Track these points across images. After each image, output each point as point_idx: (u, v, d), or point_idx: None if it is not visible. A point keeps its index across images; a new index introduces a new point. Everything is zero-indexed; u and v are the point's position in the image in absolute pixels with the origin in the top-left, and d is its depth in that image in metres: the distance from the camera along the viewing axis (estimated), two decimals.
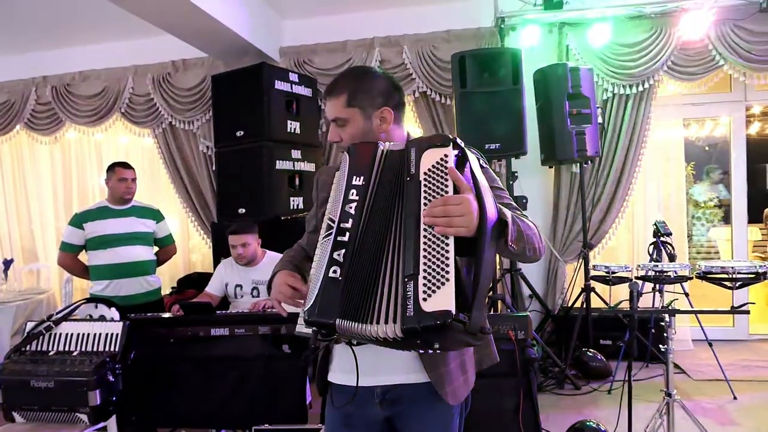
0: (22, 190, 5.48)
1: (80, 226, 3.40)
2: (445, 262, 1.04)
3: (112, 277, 3.37)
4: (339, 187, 1.21)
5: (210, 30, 4.01)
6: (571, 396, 3.70)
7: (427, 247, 1.06)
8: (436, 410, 1.39)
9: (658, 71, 4.29)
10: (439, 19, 4.53)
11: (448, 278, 1.03)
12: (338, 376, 1.44)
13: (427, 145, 1.18)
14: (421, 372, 1.35)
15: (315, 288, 1.12)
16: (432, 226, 1.08)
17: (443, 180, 1.12)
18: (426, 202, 1.10)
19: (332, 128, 1.43)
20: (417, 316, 1.01)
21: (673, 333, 2.62)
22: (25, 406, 2.42)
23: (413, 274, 1.04)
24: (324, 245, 1.15)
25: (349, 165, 1.21)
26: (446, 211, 1.07)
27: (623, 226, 4.64)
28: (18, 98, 5.14)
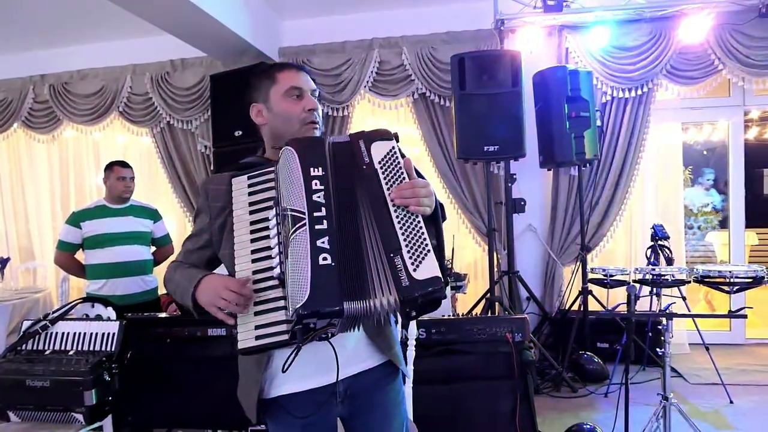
0: (20, 188, 5.45)
1: (78, 225, 3.39)
2: (422, 235, 1.16)
3: (109, 276, 3.36)
4: (293, 180, 1.19)
5: (209, 30, 4.00)
6: (567, 399, 3.70)
7: (401, 224, 1.17)
8: (393, 390, 1.49)
9: (657, 75, 4.30)
10: (439, 21, 4.53)
11: (429, 249, 1.15)
12: (293, 386, 1.35)
13: (373, 138, 1.27)
14: (376, 355, 1.44)
15: (303, 280, 1.10)
16: (403, 206, 1.18)
17: (397, 168, 1.23)
18: (388, 187, 1.20)
19: (311, 97, 1.44)
20: (413, 285, 1.11)
21: (671, 337, 2.62)
22: (21, 406, 2.42)
23: (397, 248, 1.14)
24: (299, 237, 1.13)
25: (300, 158, 1.21)
26: (415, 192, 1.19)
27: (621, 230, 4.65)
28: (15, 96, 5.12)
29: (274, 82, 1.43)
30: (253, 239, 1.26)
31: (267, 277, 1.23)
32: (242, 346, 1.21)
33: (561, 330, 4.30)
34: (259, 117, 1.45)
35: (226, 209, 1.36)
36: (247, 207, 1.29)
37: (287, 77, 1.43)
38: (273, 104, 1.42)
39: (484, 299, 4.22)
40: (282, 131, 1.41)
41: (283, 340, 1.19)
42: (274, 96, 1.42)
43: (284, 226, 1.17)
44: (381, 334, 1.44)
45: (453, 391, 2.69)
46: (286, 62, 1.49)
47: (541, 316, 4.53)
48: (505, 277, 4.40)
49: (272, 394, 1.36)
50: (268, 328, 1.20)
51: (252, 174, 1.31)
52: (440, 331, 2.75)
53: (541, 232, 4.70)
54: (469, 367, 2.72)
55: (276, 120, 1.42)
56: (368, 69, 4.62)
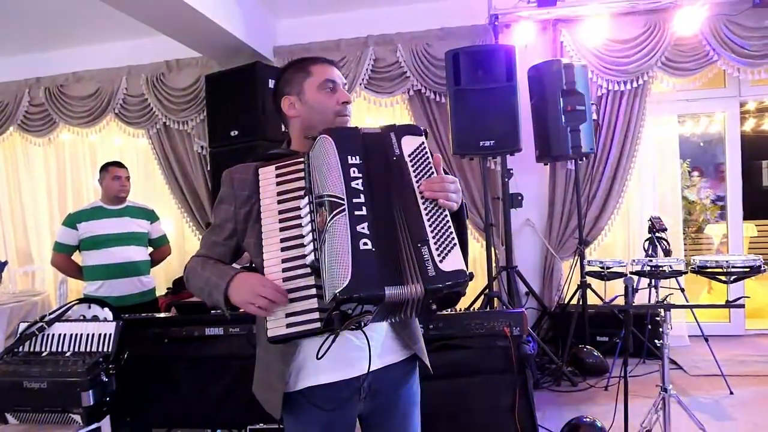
0: (16, 192, 5.44)
1: (74, 227, 3.37)
2: (449, 229, 1.18)
3: (106, 277, 3.35)
4: (330, 167, 1.19)
5: (203, 30, 4.00)
6: (567, 393, 3.70)
7: (429, 216, 1.19)
8: (412, 388, 1.51)
9: (653, 67, 4.30)
10: (433, 17, 4.53)
11: (455, 242, 1.16)
12: (320, 377, 1.35)
13: (404, 132, 1.29)
14: (401, 350, 1.46)
15: (343, 265, 1.09)
16: (431, 199, 1.20)
17: (426, 163, 1.26)
18: (417, 180, 1.22)
19: (345, 91, 1.47)
20: (439, 276, 1.12)
21: (669, 328, 2.62)
22: (18, 407, 2.41)
23: (425, 239, 1.15)
24: (339, 222, 1.13)
25: (336, 146, 1.22)
26: (444, 187, 1.21)
27: (619, 223, 4.64)
28: (11, 100, 5.12)
29: (308, 74, 1.43)
30: (282, 228, 1.26)
31: (298, 266, 1.23)
32: (272, 334, 1.20)
33: (560, 324, 4.29)
34: (291, 109, 1.45)
35: (252, 198, 1.36)
36: (275, 196, 1.29)
37: (321, 70, 1.44)
38: (307, 96, 1.43)
39: (482, 295, 4.21)
40: (315, 123, 1.41)
41: (315, 329, 1.19)
42: (308, 88, 1.42)
43: (319, 213, 1.16)
44: (406, 328, 1.45)
45: (452, 386, 2.67)
46: (318, 56, 1.49)
47: (540, 310, 4.52)
48: (503, 273, 4.39)
49: (297, 387, 1.35)
50: (299, 316, 1.20)
51: (280, 164, 1.32)
52: (438, 326, 2.75)
53: (539, 226, 4.70)
54: (467, 361, 2.71)
55: (309, 112, 1.43)
56: (363, 66, 4.62)
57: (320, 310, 1.19)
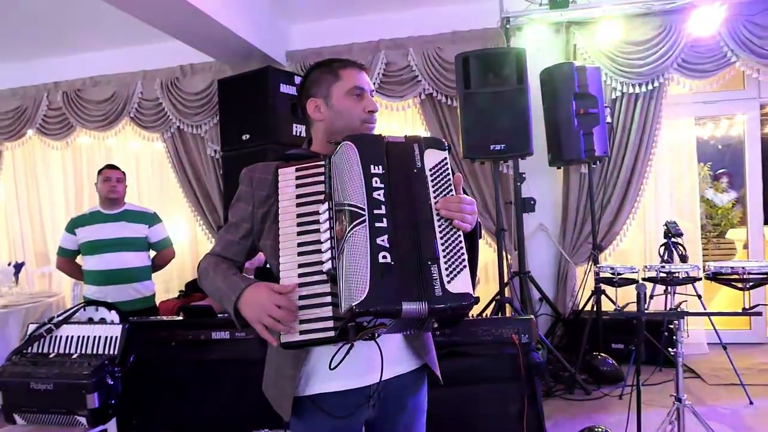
0: (35, 194, 5.54)
1: (73, 232, 3.40)
2: (461, 250, 1.17)
3: (101, 283, 3.33)
4: (352, 176, 1.18)
5: (216, 35, 4.03)
6: (580, 401, 3.62)
7: (442, 235, 1.17)
8: (420, 396, 1.49)
9: (668, 69, 4.22)
10: (445, 21, 4.50)
11: (465, 264, 1.15)
12: (330, 385, 1.34)
13: (428, 145, 1.27)
14: (413, 359, 1.44)
15: (361, 277, 1.08)
16: (446, 218, 1.18)
17: (446, 180, 1.23)
18: (435, 196, 1.20)
19: (372, 99, 1.44)
20: (445, 296, 1.10)
21: (684, 336, 2.54)
22: (25, 408, 2.45)
23: (435, 258, 1.14)
24: (358, 233, 1.12)
25: (360, 154, 1.20)
26: (461, 208, 1.19)
27: (635, 228, 4.55)
28: (30, 104, 5.21)
29: (337, 78, 1.40)
30: (300, 232, 1.24)
31: (315, 272, 1.21)
32: (285, 340, 1.18)
33: (574, 331, 4.22)
34: (316, 112, 1.42)
35: (270, 198, 1.34)
36: (294, 199, 1.27)
37: (351, 75, 1.41)
38: (334, 101, 1.40)
39: (494, 301, 4.16)
40: (340, 128, 1.39)
41: (329, 337, 1.17)
42: (336, 92, 1.40)
43: (339, 221, 1.15)
44: (419, 338, 1.43)
45: (458, 394, 2.63)
46: (348, 59, 1.46)
47: (554, 317, 4.45)
48: (516, 279, 4.33)
49: (307, 392, 1.34)
50: (313, 323, 1.19)
51: (300, 166, 1.30)
52: (445, 333, 2.71)
53: (553, 231, 4.63)
54: (474, 369, 2.68)
55: (335, 117, 1.40)
56: (375, 71, 4.61)
57: (335, 318, 1.17)
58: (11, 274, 4.26)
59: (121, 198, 3.52)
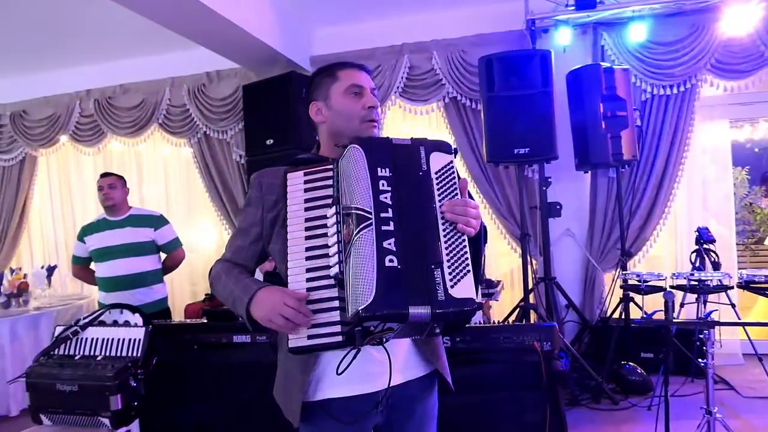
0: (68, 199, 5.69)
1: (82, 240, 3.45)
2: (465, 254, 1.15)
3: (110, 289, 3.34)
4: (359, 179, 1.17)
5: (241, 42, 4.08)
6: (608, 411, 3.53)
7: (447, 238, 1.15)
8: (430, 402, 1.47)
9: (701, 70, 4.09)
10: (469, 24, 4.46)
11: (468, 269, 1.13)
12: (339, 390, 1.33)
13: (434, 147, 1.25)
14: (423, 364, 1.43)
15: (367, 281, 1.07)
16: (451, 222, 1.17)
17: (452, 183, 1.22)
18: (440, 199, 1.19)
19: (372, 95, 1.43)
20: (448, 301, 1.09)
21: (715, 347, 2.45)
22: (52, 409, 2.50)
23: (439, 262, 1.12)
24: (365, 237, 1.11)
25: (367, 157, 1.19)
26: (467, 212, 1.18)
27: (667, 234, 4.42)
28: (63, 111, 5.36)
29: (335, 79, 1.41)
30: (308, 236, 1.24)
31: (322, 276, 1.21)
32: (293, 345, 1.18)
33: (602, 339, 4.11)
34: (318, 115, 1.44)
35: (279, 203, 1.35)
36: (302, 203, 1.27)
37: (348, 75, 1.41)
38: (333, 102, 1.41)
39: (518, 308, 4.09)
40: (341, 129, 1.40)
41: (337, 342, 1.17)
42: (334, 93, 1.41)
43: (346, 225, 1.15)
44: (429, 343, 1.42)
45: (478, 401, 2.60)
46: (346, 61, 1.47)
47: (581, 324, 4.35)
48: (541, 285, 4.25)
49: (316, 397, 1.33)
50: (321, 328, 1.19)
51: (309, 170, 1.30)
52: (465, 340, 2.68)
53: (580, 236, 4.53)
54: (495, 376, 2.63)
55: (336, 117, 1.41)
56: (398, 74, 4.60)
57: (342, 323, 1.17)
58: (44, 277, 4.38)
59: (119, 203, 3.49)
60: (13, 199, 5.57)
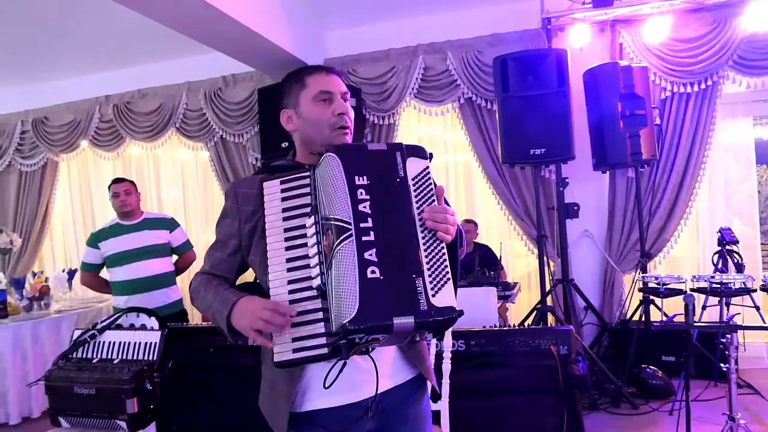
0: (88, 203, 5.78)
1: (96, 246, 3.47)
2: (444, 262, 1.13)
3: (130, 292, 3.37)
4: (336, 188, 1.14)
5: (256, 46, 4.10)
6: (628, 416, 3.46)
7: (426, 246, 1.14)
8: (421, 405, 1.46)
9: (723, 67, 3.99)
10: (484, 23, 4.43)
11: (449, 276, 1.12)
12: (326, 401, 1.30)
13: (410, 152, 1.22)
14: (408, 369, 1.41)
15: (350, 294, 1.06)
16: (430, 230, 1.15)
17: (429, 190, 1.20)
18: (418, 206, 1.17)
19: (342, 101, 1.39)
20: (430, 310, 1.07)
21: (737, 350, 2.38)
22: (70, 412, 2.52)
23: (420, 270, 1.11)
24: (345, 248, 1.09)
25: (343, 164, 1.16)
26: (446, 219, 1.16)
27: (688, 234, 4.33)
28: (83, 117, 5.44)
29: (303, 86, 1.38)
30: (288, 247, 1.23)
31: (305, 287, 1.19)
32: (278, 359, 1.17)
33: (621, 342, 4.04)
34: (289, 123, 1.41)
35: (256, 213, 1.32)
36: (280, 213, 1.25)
37: (316, 81, 1.38)
38: (303, 109, 1.38)
39: (535, 310, 4.04)
40: (312, 137, 1.38)
41: (322, 354, 1.16)
42: (303, 101, 1.38)
43: (326, 236, 1.13)
44: (413, 347, 1.41)
45: (493, 405, 2.57)
46: (316, 65, 1.45)
47: (600, 326, 4.28)
48: (559, 287, 4.19)
49: (303, 408, 1.31)
50: (305, 341, 1.17)
51: (285, 178, 1.27)
52: (480, 343, 2.65)
53: (599, 238, 4.46)
54: (510, 380, 2.60)
55: (306, 126, 1.38)
56: (413, 76, 4.58)
57: (327, 335, 1.15)
58: (65, 280, 4.44)
59: (135, 208, 3.55)
60: (35, 204, 5.67)
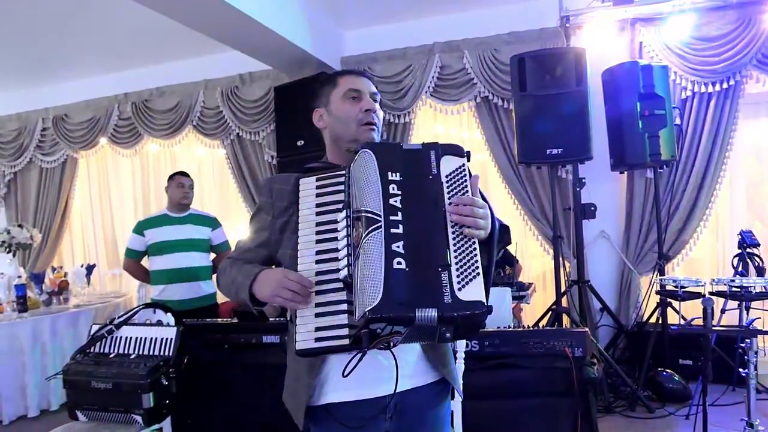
0: (107, 199, 5.86)
1: (141, 233, 3.60)
2: (474, 256, 1.14)
3: (168, 281, 3.53)
4: (369, 182, 1.19)
5: (273, 44, 4.11)
6: (643, 419, 3.42)
7: (455, 241, 1.15)
8: (442, 410, 1.45)
9: (746, 66, 3.91)
10: (501, 22, 4.39)
11: (478, 272, 1.12)
12: (344, 394, 1.32)
13: (445, 151, 1.25)
14: (431, 371, 1.41)
15: (375, 283, 1.08)
16: (460, 224, 1.16)
17: (462, 186, 1.21)
18: (450, 202, 1.18)
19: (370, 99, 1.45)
20: (454, 304, 1.07)
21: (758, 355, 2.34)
22: (87, 406, 2.56)
23: (447, 264, 1.11)
24: (374, 239, 1.12)
25: (377, 161, 1.21)
26: (473, 212, 1.16)
27: (708, 236, 4.26)
28: (102, 114, 5.52)
29: (334, 86, 1.46)
30: (318, 240, 1.27)
31: (331, 279, 1.22)
32: (301, 347, 1.20)
33: (638, 344, 3.99)
34: (320, 121, 1.49)
35: (290, 209, 1.37)
36: (314, 208, 1.30)
37: (346, 80, 1.46)
38: (332, 107, 1.45)
39: (550, 311, 4.01)
40: (340, 133, 1.44)
41: (344, 345, 1.18)
42: (333, 99, 1.45)
43: (356, 228, 1.16)
44: (437, 350, 1.42)
45: (507, 407, 2.56)
46: (348, 68, 1.53)
47: (617, 328, 4.24)
48: (574, 288, 4.15)
49: (321, 401, 1.33)
50: (329, 330, 1.20)
51: (321, 176, 1.33)
52: (494, 344, 2.64)
53: (615, 239, 4.41)
54: (524, 382, 2.58)
55: (335, 122, 1.44)
56: (429, 74, 4.56)
57: (350, 326, 1.18)
58: (84, 276, 4.51)
59: (190, 203, 3.74)
60: (55, 200, 5.77)
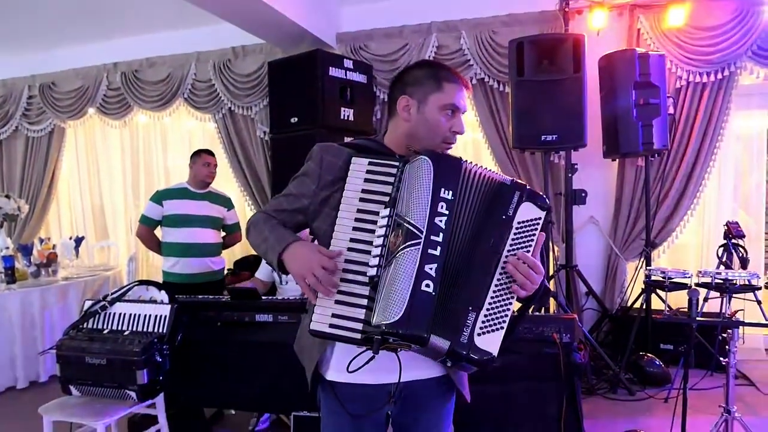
0: (95, 171, 5.79)
1: (160, 203, 3.62)
2: (507, 310, 1.17)
3: (181, 255, 3.59)
4: (420, 193, 1.17)
5: (267, 18, 4.04)
6: (623, 402, 3.53)
7: (497, 289, 1.17)
8: (446, 403, 1.48)
9: (741, 57, 3.95)
10: (500, 3, 4.35)
11: (503, 325, 1.16)
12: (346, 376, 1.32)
13: (529, 197, 1.24)
14: (436, 366, 1.39)
15: (399, 299, 1.10)
16: (509, 276, 1.18)
17: (529, 239, 1.22)
18: (510, 250, 1.20)
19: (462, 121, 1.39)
20: (469, 345, 1.12)
21: (737, 344, 2.42)
22: (81, 381, 2.57)
23: (479, 306, 1.14)
24: (409, 254, 1.13)
25: (434, 174, 1.18)
26: (529, 274, 1.18)
27: (694, 225, 4.34)
28: (91, 84, 5.41)
29: (438, 89, 1.36)
30: (355, 227, 1.24)
31: (359, 271, 1.21)
32: (314, 327, 1.21)
33: (621, 328, 4.10)
34: (405, 111, 1.38)
35: (335, 185, 1.33)
36: (359, 192, 1.26)
37: (452, 91, 1.36)
38: (427, 109, 1.36)
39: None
40: (421, 137, 1.36)
41: (354, 339, 1.19)
42: (431, 102, 1.36)
43: (395, 234, 1.16)
44: None
45: (495, 391, 2.61)
46: (455, 73, 1.40)
47: (601, 312, 4.33)
48: (562, 272, 4.22)
49: (327, 376, 1.37)
50: (344, 321, 1.20)
51: (374, 161, 1.28)
52: None
53: (604, 225, 4.47)
54: (512, 367, 2.63)
55: (421, 125, 1.36)
56: (426, 54, 4.53)
57: (365, 322, 1.19)
58: (72, 248, 4.48)
59: (212, 182, 3.81)
60: (42, 169, 5.69)
